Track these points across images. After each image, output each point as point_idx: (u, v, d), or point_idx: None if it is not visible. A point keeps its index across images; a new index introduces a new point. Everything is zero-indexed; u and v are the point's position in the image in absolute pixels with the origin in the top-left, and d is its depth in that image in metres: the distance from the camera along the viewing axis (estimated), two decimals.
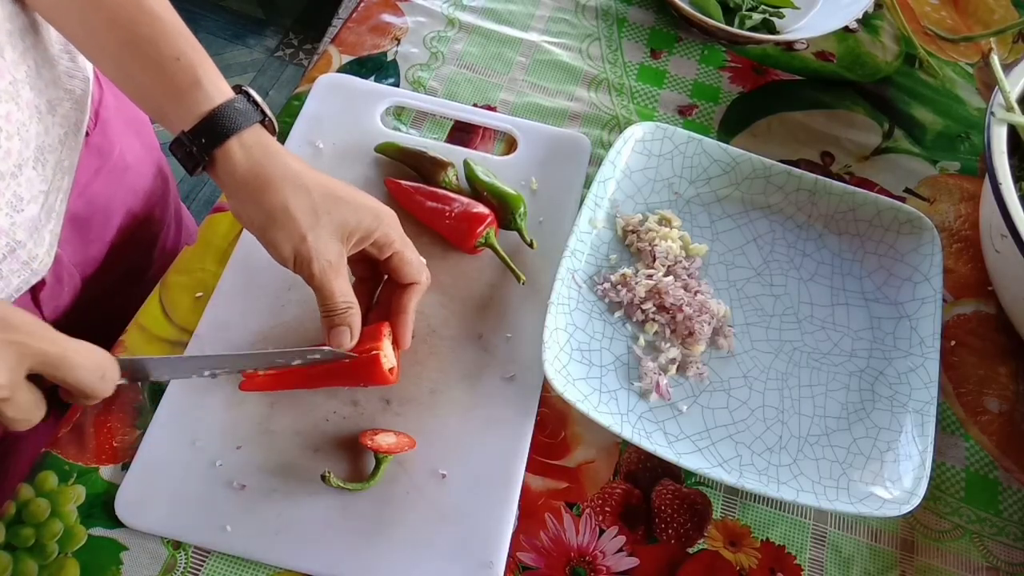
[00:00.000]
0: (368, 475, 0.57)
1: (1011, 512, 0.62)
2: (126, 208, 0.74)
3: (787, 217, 0.71)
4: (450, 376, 0.62)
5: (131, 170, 0.74)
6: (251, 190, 0.52)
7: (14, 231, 0.56)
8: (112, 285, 0.73)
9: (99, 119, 0.68)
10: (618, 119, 0.78)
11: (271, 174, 0.52)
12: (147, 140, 0.78)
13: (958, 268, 0.73)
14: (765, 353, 0.65)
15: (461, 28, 0.83)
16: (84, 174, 0.66)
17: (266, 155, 0.52)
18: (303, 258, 0.52)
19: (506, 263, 0.65)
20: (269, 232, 0.52)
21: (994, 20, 0.91)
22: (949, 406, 0.66)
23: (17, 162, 0.55)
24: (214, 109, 0.51)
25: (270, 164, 0.52)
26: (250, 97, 0.54)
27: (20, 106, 0.55)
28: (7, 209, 0.55)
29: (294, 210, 0.52)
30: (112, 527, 0.55)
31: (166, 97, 0.52)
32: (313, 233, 0.52)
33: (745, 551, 0.58)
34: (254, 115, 0.53)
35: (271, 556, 0.55)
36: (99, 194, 0.69)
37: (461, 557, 0.55)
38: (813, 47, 0.87)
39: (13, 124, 0.54)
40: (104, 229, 0.71)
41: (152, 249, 0.81)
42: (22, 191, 0.56)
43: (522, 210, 0.67)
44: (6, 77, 0.53)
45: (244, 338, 0.62)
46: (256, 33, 2.11)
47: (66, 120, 0.62)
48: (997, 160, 0.61)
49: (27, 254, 0.58)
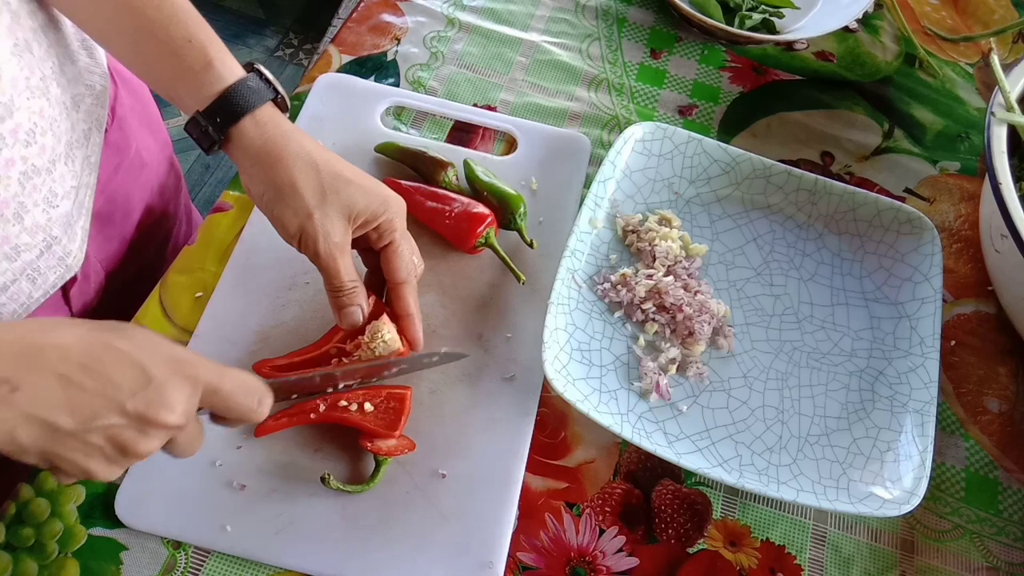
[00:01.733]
0: (368, 477, 0.57)
1: (1011, 512, 0.62)
2: (144, 204, 0.75)
3: (787, 217, 0.71)
4: (450, 376, 0.62)
5: (147, 166, 0.75)
6: (263, 166, 0.53)
7: (50, 227, 0.57)
8: (130, 280, 0.74)
9: (115, 116, 0.69)
10: (618, 119, 0.78)
11: (282, 151, 0.53)
12: (160, 136, 0.79)
13: (958, 268, 0.73)
14: (765, 353, 0.65)
15: (461, 28, 0.83)
16: (105, 170, 0.67)
17: (279, 132, 0.53)
18: (308, 235, 0.53)
19: (506, 263, 0.65)
20: (277, 208, 0.53)
21: (994, 20, 0.91)
22: (949, 406, 0.66)
23: (51, 158, 0.56)
24: (227, 88, 0.52)
25: (282, 141, 0.53)
26: (262, 75, 0.54)
27: (51, 102, 0.56)
28: (43, 205, 0.56)
29: (302, 187, 0.52)
30: (112, 527, 0.55)
31: (180, 79, 0.53)
32: (320, 211, 0.53)
33: (745, 551, 0.58)
34: (267, 93, 0.54)
35: (271, 556, 0.55)
36: (119, 190, 0.70)
37: (461, 557, 0.55)
38: (813, 47, 0.87)
39: (46, 120, 0.55)
40: (124, 225, 0.72)
41: (166, 244, 0.82)
42: (56, 187, 0.57)
43: (522, 210, 0.67)
44: (36, 73, 0.54)
45: (244, 338, 0.62)
46: (256, 33, 2.11)
47: (89, 116, 0.63)
48: (997, 160, 0.61)
49: (62, 250, 0.59)
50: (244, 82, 0.53)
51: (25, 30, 0.54)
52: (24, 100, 0.53)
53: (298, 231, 0.53)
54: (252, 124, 0.53)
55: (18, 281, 0.56)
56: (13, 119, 0.52)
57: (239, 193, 0.70)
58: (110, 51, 0.57)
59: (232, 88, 0.52)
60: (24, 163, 0.53)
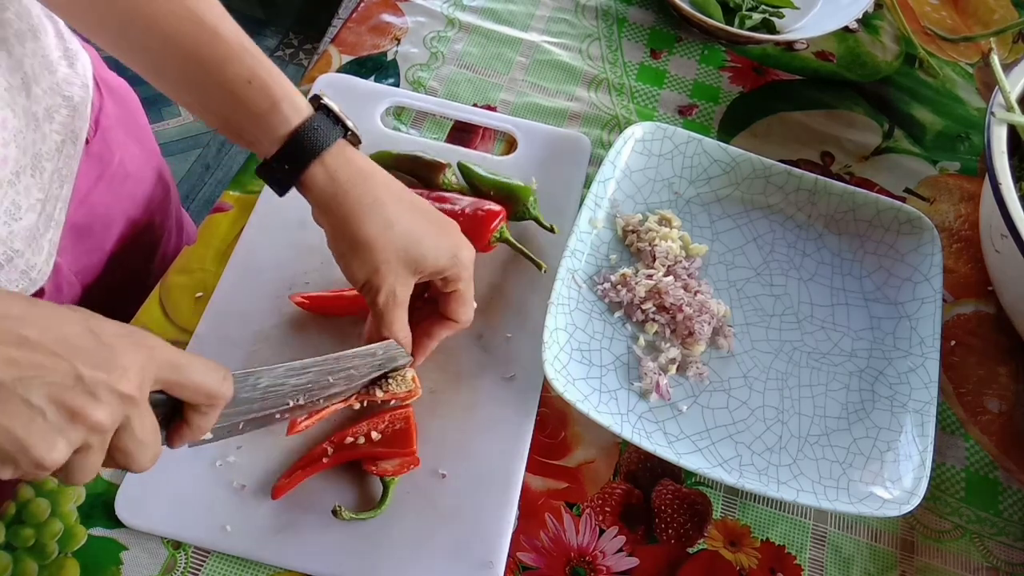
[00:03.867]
0: (377, 501, 0.56)
1: (1011, 512, 0.62)
2: (126, 216, 0.74)
3: (787, 217, 0.71)
4: (450, 376, 0.62)
5: (131, 178, 0.73)
6: (335, 216, 0.52)
7: (11, 240, 0.55)
8: (113, 292, 0.73)
9: (99, 127, 0.68)
10: (618, 119, 0.78)
11: (354, 204, 0.52)
12: (148, 146, 0.78)
13: (958, 268, 0.73)
14: (765, 353, 0.65)
15: (461, 28, 0.83)
16: (84, 182, 0.66)
17: (350, 178, 0.52)
18: (372, 286, 0.53)
19: (524, 254, 0.65)
20: (347, 258, 0.53)
21: (994, 20, 0.91)
22: (949, 406, 0.66)
23: (14, 170, 0.54)
24: (292, 132, 0.50)
25: (353, 192, 0.52)
26: (330, 111, 0.52)
27: (16, 113, 0.54)
28: (4, 218, 0.54)
29: (373, 242, 0.52)
30: (112, 527, 0.55)
31: (244, 122, 0.51)
32: (387, 266, 0.52)
33: (745, 551, 0.58)
34: (334, 132, 0.52)
35: (271, 556, 0.55)
36: (99, 202, 0.69)
37: (461, 557, 0.55)
38: (813, 47, 0.87)
39: (9, 131, 0.53)
40: (104, 237, 0.71)
41: (153, 256, 0.80)
42: (20, 199, 0.55)
43: (533, 199, 0.67)
44: (1, 83, 0.53)
45: (244, 338, 0.62)
46: (256, 33, 2.10)
47: (64, 128, 0.61)
48: (997, 160, 0.61)
49: (25, 263, 0.58)
50: (310, 123, 0.51)
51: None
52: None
53: (364, 280, 0.53)
54: (321, 170, 0.51)
55: None
56: None
57: (239, 193, 0.70)
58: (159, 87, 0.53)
59: (297, 132, 0.50)
60: None
